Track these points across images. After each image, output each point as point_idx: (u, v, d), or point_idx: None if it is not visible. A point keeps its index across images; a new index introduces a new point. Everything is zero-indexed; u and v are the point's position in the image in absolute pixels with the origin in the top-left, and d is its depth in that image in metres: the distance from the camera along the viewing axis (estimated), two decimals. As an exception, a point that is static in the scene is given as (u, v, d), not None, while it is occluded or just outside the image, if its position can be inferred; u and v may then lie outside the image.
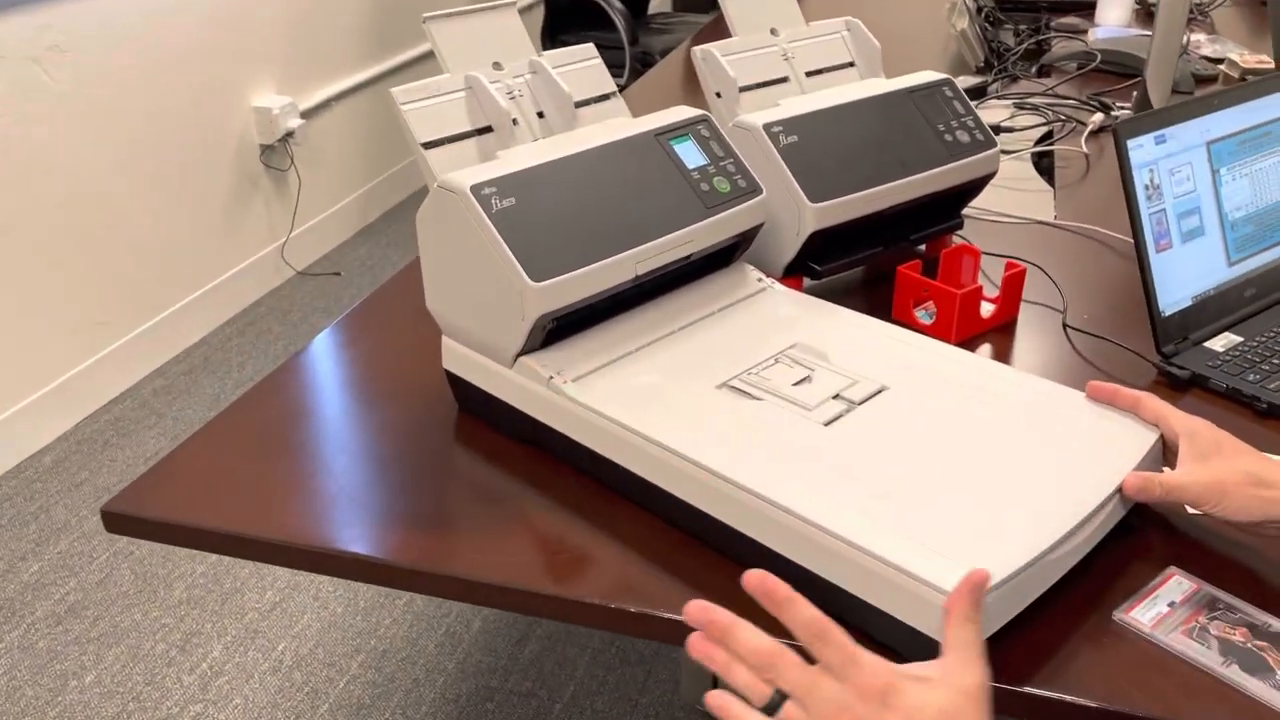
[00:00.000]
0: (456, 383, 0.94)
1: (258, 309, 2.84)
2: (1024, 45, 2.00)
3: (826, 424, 0.79)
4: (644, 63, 3.29)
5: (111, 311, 2.44)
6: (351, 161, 3.26)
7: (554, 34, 3.44)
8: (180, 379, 2.52)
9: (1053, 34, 2.11)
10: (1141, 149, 0.97)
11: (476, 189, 0.82)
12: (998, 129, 1.61)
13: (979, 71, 1.92)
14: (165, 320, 2.59)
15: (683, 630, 0.73)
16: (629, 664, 1.70)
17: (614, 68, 3.29)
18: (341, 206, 3.23)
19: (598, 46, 3.55)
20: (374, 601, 1.84)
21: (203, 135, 2.66)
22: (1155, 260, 0.98)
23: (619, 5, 3.20)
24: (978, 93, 1.78)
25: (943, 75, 1.16)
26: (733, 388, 0.84)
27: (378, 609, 1.82)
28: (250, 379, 2.52)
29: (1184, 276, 1.00)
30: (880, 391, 0.83)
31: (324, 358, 1.07)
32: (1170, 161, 0.99)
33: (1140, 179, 0.97)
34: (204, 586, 1.88)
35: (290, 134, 2.86)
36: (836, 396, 0.82)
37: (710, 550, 0.78)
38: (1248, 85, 1.06)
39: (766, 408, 0.81)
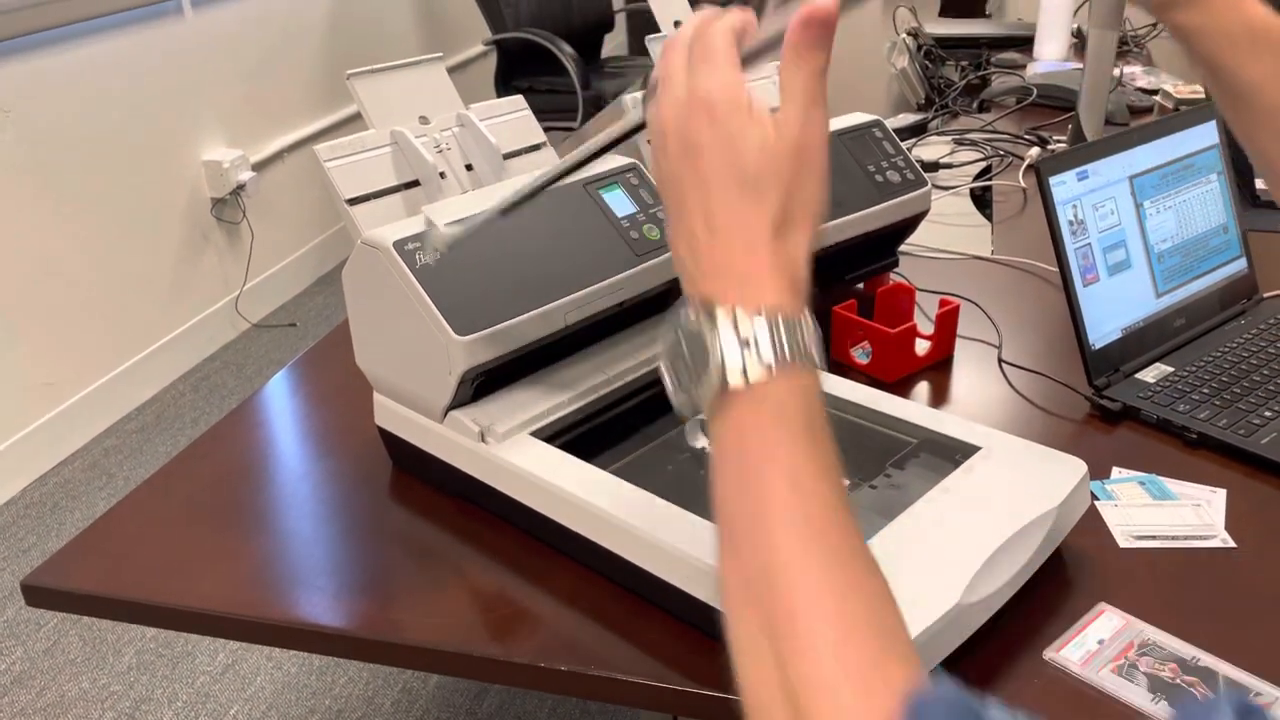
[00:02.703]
0: (389, 439, 0.93)
1: (212, 363, 2.81)
2: (964, 81, 2.03)
3: None
4: (597, 106, 3.32)
5: (59, 371, 2.41)
6: (306, 212, 3.25)
7: (507, 80, 3.46)
8: (132, 438, 2.48)
9: (993, 69, 2.14)
10: (1064, 185, 0.98)
11: (399, 244, 0.82)
12: (937, 165, 1.63)
13: (920, 108, 1.95)
14: (116, 378, 2.56)
15: (620, 688, 0.72)
16: (589, 714, 1.68)
17: (567, 111, 3.31)
18: (296, 257, 3.21)
19: (551, 91, 3.59)
20: (329, 660, 1.80)
21: (152, 190, 2.65)
22: (1083, 294, 0.99)
23: (570, 51, 3.23)
24: (918, 129, 1.80)
25: (873, 116, 1.17)
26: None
27: (333, 668, 1.79)
28: (204, 435, 2.49)
29: (1112, 309, 1.01)
30: None
31: (260, 416, 1.05)
32: (1094, 197, 1.00)
33: (1064, 215, 0.98)
34: (154, 651, 1.83)
35: (242, 187, 2.85)
36: None
37: (645, 602, 0.77)
38: (1168, 119, 1.08)
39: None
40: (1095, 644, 0.69)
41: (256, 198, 2.96)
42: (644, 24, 4.99)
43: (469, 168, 0.97)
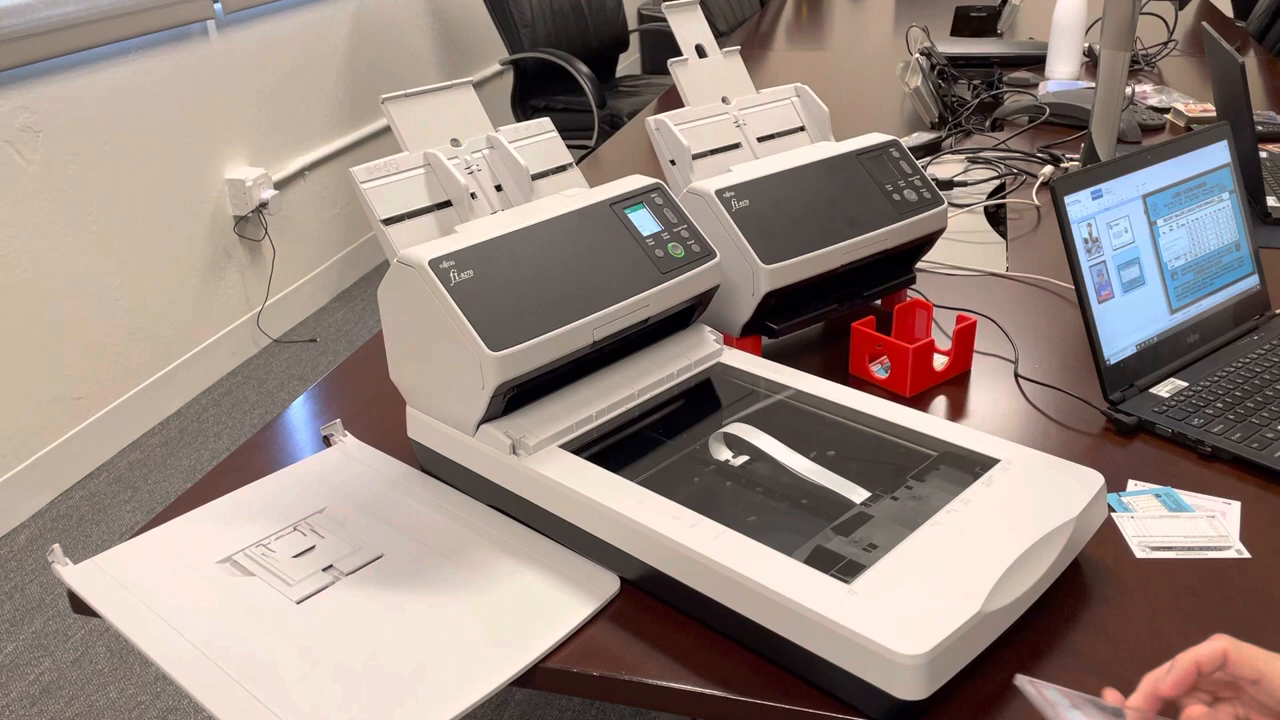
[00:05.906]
0: (421, 450, 0.96)
1: (234, 378, 2.85)
2: (977, 100, 2.06)
3: (300, 601, 0.81)
4: (613, 125, 3.36)
5: (87, 386, 2.45)
6: (326, 229, 3.29)
7: (524, 100, 3.51)
8: (156, 451, 2.52)
9: (1005, 88, 2.17)
10: (1079, 204, 1.00)
11: (435, 263, 0.85)
12: (951, 183, 1.66)
13: (933, 127, 1.98)
14: (141, 393, 2.60)
15: (648, 693, 0.74)
16: (610, 725, 1.69)
17: (583, 130, 3.35)
18: (317, 274, 3.25)
19: (567, 110, 3.65)
20: (352, 671, 1.82)
21: (176, 209, 2.69)
22: (1098, 310, 1.01)
23: (586, 70, 3.27)
24: (932, 148, 1.83)
25: (890, 137, 1.20)
26: (235, 563, 0.86)
27: (356, 678, 1.81)
28: (227, 449, 2.52)
29: (1127, 325, 1.03)
30: (375, 560, 0.85)
31: (292, 430, 1.08)
32: (1108, 215, 1.03)
33: (1079, 233, 1.00)
34: (180, 661, 1.86)
35: (264, 204, 2.89)
36: (328, 568, 0.85)
37: (673, 609, 0.79)
38: (1180, 139, 1.10)
39: (255, 584, 0.83)
40: (1112, 650, 0.71)
41: (278, 215, 3.01)
42: (657, 44, 5.04)
43: (499, 188, 1.00)
